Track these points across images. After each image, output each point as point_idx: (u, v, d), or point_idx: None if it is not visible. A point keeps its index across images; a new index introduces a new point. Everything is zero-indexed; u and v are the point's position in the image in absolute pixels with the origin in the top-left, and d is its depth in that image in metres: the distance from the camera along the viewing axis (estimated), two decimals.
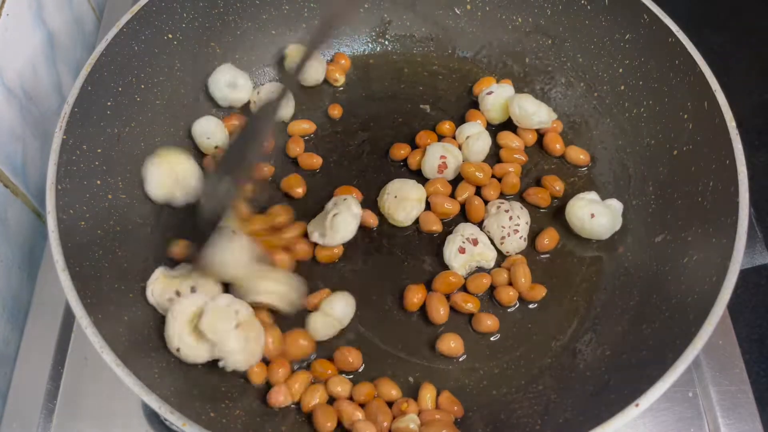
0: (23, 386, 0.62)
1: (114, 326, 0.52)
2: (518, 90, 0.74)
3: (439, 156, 0.68)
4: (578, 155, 0.71)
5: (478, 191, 0.69)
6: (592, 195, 0.66)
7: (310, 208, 0.67)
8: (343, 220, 0.63)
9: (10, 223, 0.66)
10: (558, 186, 0.68)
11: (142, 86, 0.65)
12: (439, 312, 0.61)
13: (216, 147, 0.69)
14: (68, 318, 0.65)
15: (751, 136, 0.63)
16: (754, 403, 0.61)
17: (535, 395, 0.57)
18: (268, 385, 0.58)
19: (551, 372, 0.59)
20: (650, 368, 0.49)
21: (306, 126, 0.73)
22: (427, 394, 0.57)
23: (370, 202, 0.69)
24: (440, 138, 0.72)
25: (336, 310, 0.59)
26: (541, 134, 0.72)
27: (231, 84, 0.71)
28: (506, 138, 0.71)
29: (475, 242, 0.64)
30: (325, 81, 0.77)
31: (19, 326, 0.66)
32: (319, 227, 0.64)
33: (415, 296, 0.62)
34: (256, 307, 0.58)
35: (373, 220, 0.67)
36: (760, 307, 0.87)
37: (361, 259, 0.66)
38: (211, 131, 0.69)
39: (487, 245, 0.65)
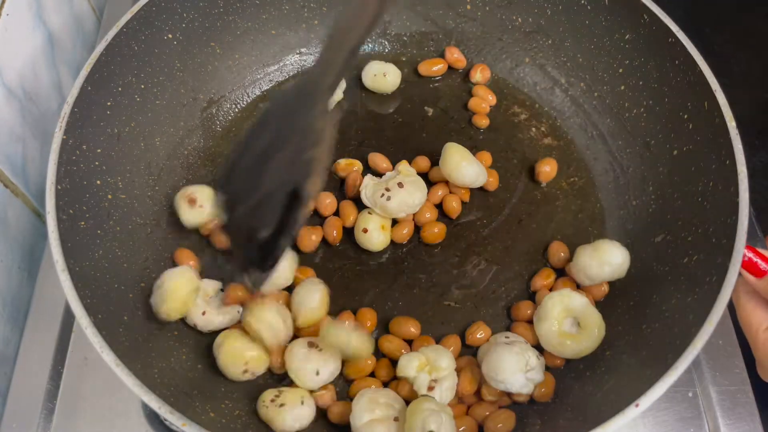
0: (23, 386, 0.62)
1: (114, 326, 0.52)
2: (519, 89, 0.74)
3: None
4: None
5: None
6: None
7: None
8: None
9: (10, 223, 0.66)
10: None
11: (142, 86, 0.65)
12: None
13: None
14: (68, 318, 0.65)
15: (751, 136, 0.62)
16: (754, 403, 0.61)
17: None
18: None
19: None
20: (650, 368, 0.49)
21: None
22: None
23: None
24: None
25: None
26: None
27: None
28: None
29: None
30: None
31: (19, 326, 0.66)
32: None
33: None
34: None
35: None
36: None
37: None
38: None
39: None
